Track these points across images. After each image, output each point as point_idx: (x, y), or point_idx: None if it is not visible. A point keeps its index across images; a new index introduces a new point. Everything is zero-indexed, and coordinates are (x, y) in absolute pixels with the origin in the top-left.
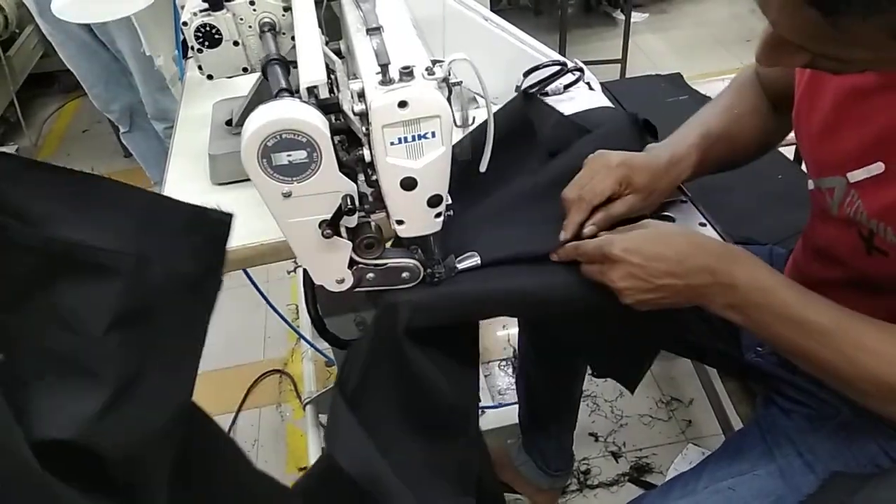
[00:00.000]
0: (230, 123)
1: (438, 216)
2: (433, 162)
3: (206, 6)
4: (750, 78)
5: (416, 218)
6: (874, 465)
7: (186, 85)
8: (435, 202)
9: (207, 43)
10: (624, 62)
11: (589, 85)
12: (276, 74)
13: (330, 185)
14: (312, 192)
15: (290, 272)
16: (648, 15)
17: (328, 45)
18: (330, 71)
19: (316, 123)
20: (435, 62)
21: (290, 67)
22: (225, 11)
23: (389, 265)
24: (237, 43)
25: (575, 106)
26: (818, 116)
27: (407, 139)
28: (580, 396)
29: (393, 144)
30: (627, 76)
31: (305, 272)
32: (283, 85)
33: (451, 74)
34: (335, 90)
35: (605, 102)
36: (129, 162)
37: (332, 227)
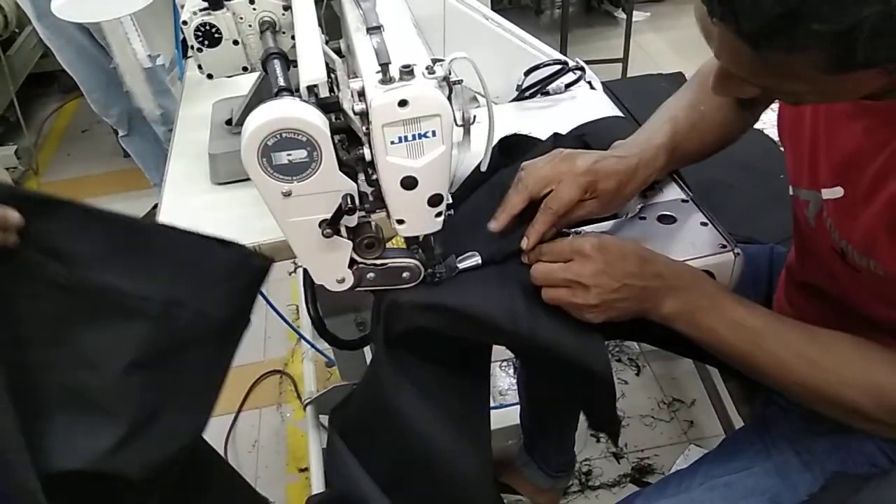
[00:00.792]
0: (230, 123)
1: (439, 215)
2: (434, 161)
3: (205, 5)
4: (707, 70)
5: (416, 217)
6: (871, 464)
7: (186, 84)
8: (435, 201)
9: (207, 42)
10: (625, 61)
11: (590, 84)
12: (275, 69)
13: (330, 184)
14: (312, 191)
15: (290, 273)
16: (650, 14)
17: (328, 43)
18: (330, 70)
19: (316, 122)
20: (435, 61)
21: (289, 62)
22: (225, 10)
23: (390, 265)
24: (237, 42)
25: (576, 105)
26: (799, 131)
27: (407, 138)
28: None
29: (393, 143)
30: (629, 75)
31: (305, 272)
32: (282, 80)
33: (451, 73)
34: (335, 89)
35: (606, 103)
36: (128, 162)
37: (332, 226)
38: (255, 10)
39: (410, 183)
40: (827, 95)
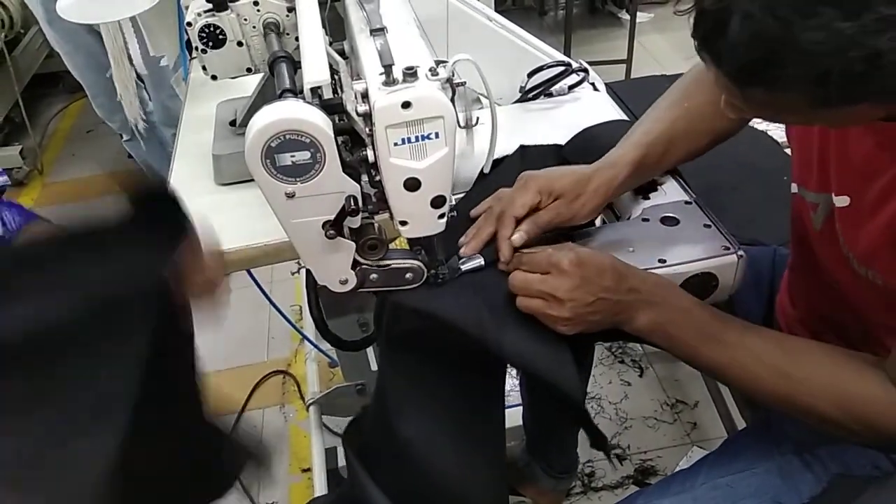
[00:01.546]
0: (234, 124)
1: (442, 217)
2: (437, 162)
3: (210, 7)
4: (684, 85)
5: (419, 219)
6: (874, 466)
7: (190, 85)
8: (438, 203)
9: (211, 43)
10: (629, 63)
11: (594, 86)
12: (282, 72)
13: (333, 185)
14: (316, 192)
15: (293, 273)
16: (654, 15)
17: (332, 45)
18: (333, 71)
19: (319, 124)
20: (439, 63)
21: (296, 65)
22: (229, 12)
23: (393, 266)
24: (241, 43)
25: (579, 107)
26: (808, 132)
27: (410, 140)
28: (584, 398)
29: (396, 145)
30: (633, 77)
31: (308, 273)
32: (289, 83)
33: (454, 75)
34: (339, 91)
35: (610, 104)
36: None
37: (335, 227)
38: (259, 11)
39: (413, 184)
40: (829, 123)
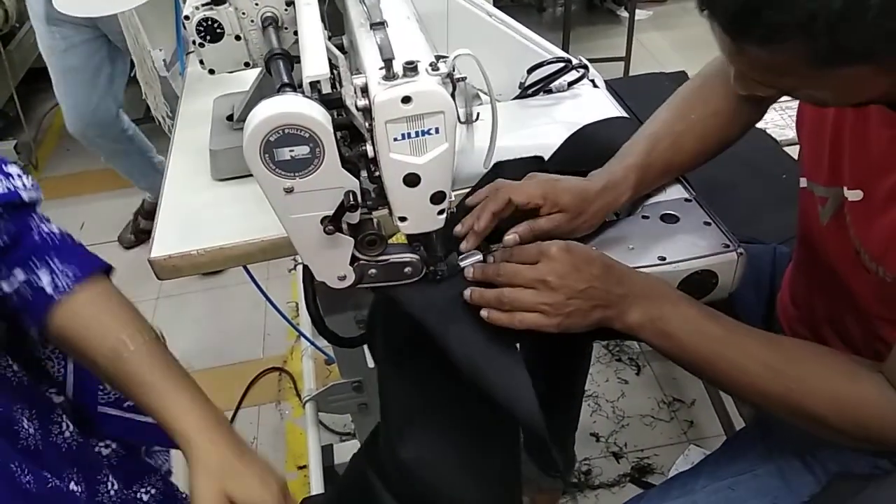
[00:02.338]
0: (231, 119)
1: (441, 213)
2: (437, 158)
3: (208, 1)
4: (716, 71)
5: (419, 214)
6: (874, 465)
7: (187, 80)
8: (438, 199)
9: (209, 37)
10: (628, 60)
11: (593, 82)
12: (279, 68)
13: (332, 180)
14: (314, 187)
15: (290, 270)
16: (652, 13)
17: (331, 39)
18: (333, 66)
19: (318, 118)
20: (439, 58)
21: (293, 62)
22: (227, 6)
23: (391, 262)
24: (239, 37)
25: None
26: (821, 126)
27: (410, 135)
28: (582, 396)
29: (396, 140)
30: (631, 74)
31: (306, 269)
32: (285, 79)
33: (454, 70)
34: (338, 85)
35: (609, 101)
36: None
37: (334, 223)
38: (257, 5)
39: (413, 180)
40: (835, 93)
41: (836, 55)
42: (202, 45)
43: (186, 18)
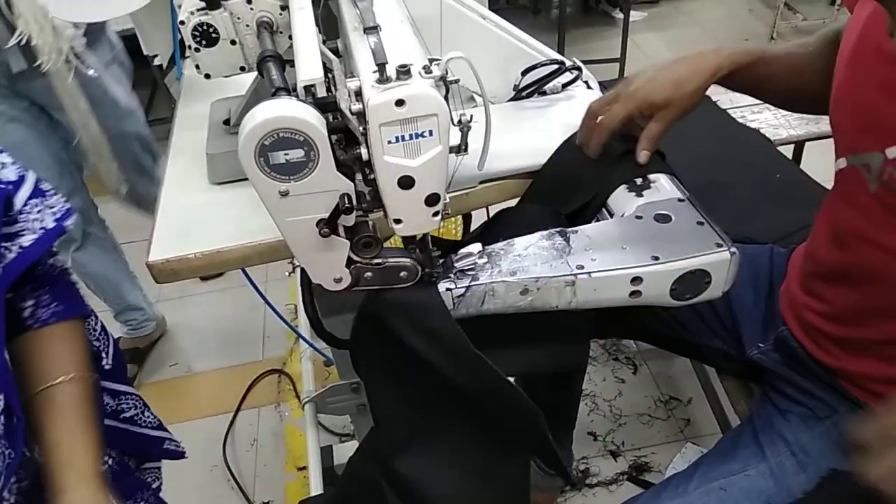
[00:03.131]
0: (228, 123)
1: (436, 215)
2: (431, 160)
3: (203, 5)
4: (833, 32)
5: (413, 217)
6: None
7: (184, 84)
8: (433, 201)
9: (205, 42)
10: (623, 61)
11: (587, 84)
12: (270, 71)
13: (327, 183)
14: (310, 190)
15: (288, 273)
16: (647, 14)
17: (325, 43)
18: (327, 70)
19: (313, 122)
20: (432, 60)
21: (285, 64)
22: (222, 10)
23: (387, 264)
24: (234, 42)
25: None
26: (862, 91)
27: (404, 138)
28: (579, 395)
29: (390, 143)
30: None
31: (303, 271)
32: (278, 81)
33: (448, 73)
34: (332, 89)
35: None
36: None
37: (329, 226)
38: (252, 10)
39: (408, 182)
40: None
41: None
42: (198, 49)
43: (182, 23)
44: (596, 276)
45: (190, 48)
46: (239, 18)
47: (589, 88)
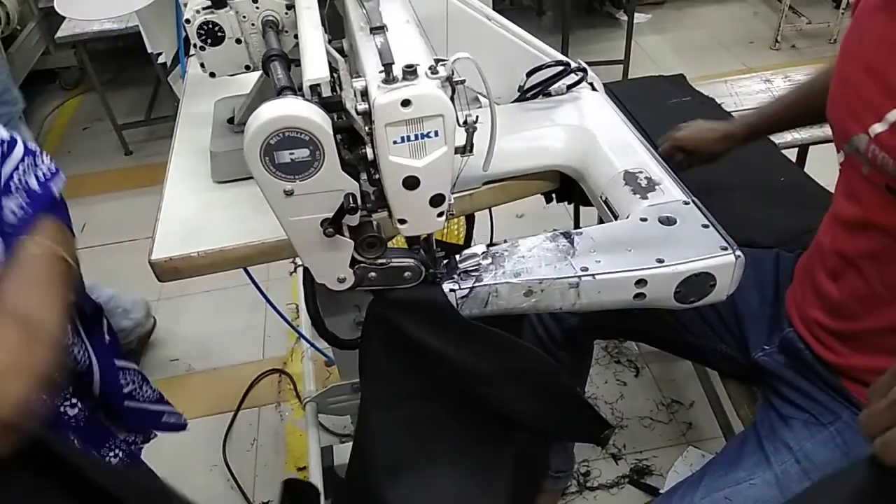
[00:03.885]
0: (232, 121)
1: (441, 215)
2: (436, 161)
3: (209, 4)
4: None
5: (418, 217)
6: None
7: (188, 83)
8: (437, 201)
9: (210, 40)
10: (627, 63)
11: (592, 85)
12: (276, 70)
13: (332, 183)
14: (314, 190)
15: (291, 273)
16: (651, 16)
17: (331, 43)
18: (333, 69)
19: (319, 121)
20: (438, 61)
21: (290, 63)
22: (228, 9)
23: (391, 265)
24: (240, 41)
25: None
26: (849, 77)
27: (410, 138)
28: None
29: (396, 143)
30: (630, 77)
31: (306, 271)
32: (284, 80)
33: (454, 73)
34: (338, 88)
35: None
36: (129, 160)
37: (333, 225)
38: (258, 9)
39: (412, 183)
40: None
41: None
42: (203, 48)
43: (187, 22)
44: (600, 278)
45: (195, 46)
46: (244, 17)
47: (594, 90)
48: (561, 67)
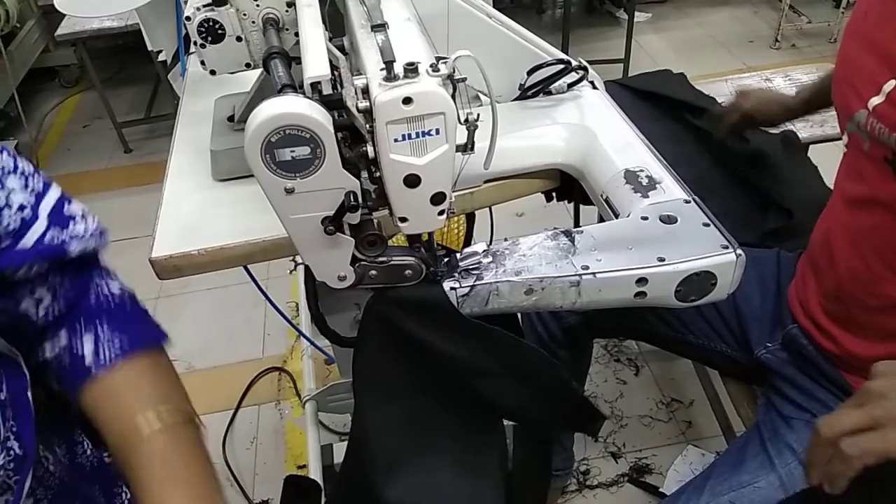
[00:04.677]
0: (232, 119)
1: (442, 213)
2: (437, 159)
3: (209, 1)
4: None
5: (419, 215)
6: None
7: (188, 80)
8: (438, 199)
9: (210, 38)
10: (627, 62)
11: (592, 84)
12: (276, 67)
13: (333, 181)
14: (315, 188)
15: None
16: (651, 15)
17: (332, 41)
18: (333, 67)
19: (320, 119)
20: (439, 59)
21: (291, 61)
22: (228, 7)
23: (392, 263)
24: (240, 38)
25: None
26: (849, 54)
27: (411, 136)
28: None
29: (397, 141)
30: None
31: (307, 269)
32: (284, 78)
33: (455, 71)
34: (339, 86)
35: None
36: (129, 158)
37: (334, 223)
38: (258, 6)
39: (413, 181)
40: None
41: None
42: (203, 45)
43: (188, 19)
44: (601, 276)
45: (195, 44)
46: (245, 15)
47: (595, 88)
48: (562, 66)
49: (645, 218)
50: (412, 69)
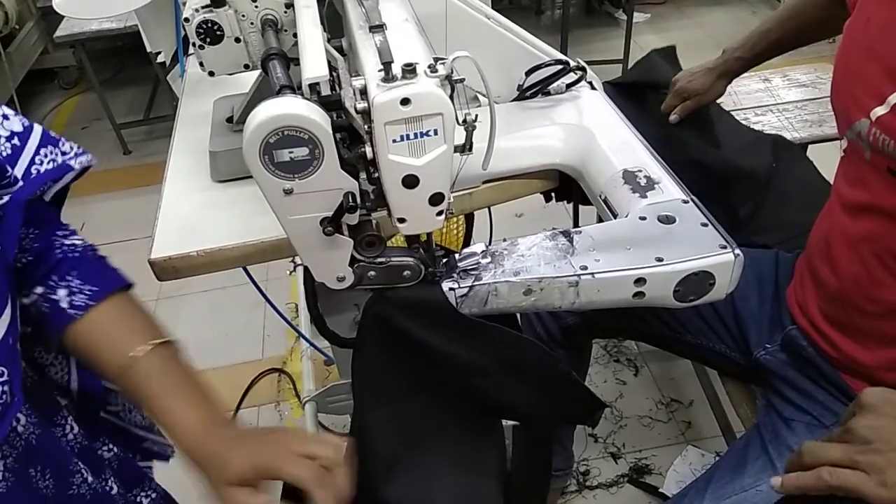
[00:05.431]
0: (231, 120)
1: (440, 214)
2: (435, 159)
3: (208, 2)
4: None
5: (417, 216)
6: None
7: (187, 81)
8: (437, 200)
9: (209, 39)
10: (625, 62)
11: (591, 84)
12: (275, 68)
13: (331, 182)
14: (314, 189)
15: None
16: (650, 15)
17: (330, 42)
18: (332, 68)
19: (318, 120)
20: (437, 60)
21: (289, 62)
22: (227, 8)
23: (390, 263)
24: (239, 39)
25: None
26: (851, 63)
27: (409, 136)
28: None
29: (395, 142)
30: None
31: (306, 270)
32: (282, 79)
33: (453, 72)
34: (337, 87)
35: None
36: (129, 159)
37: (333, 224)
38: (257, 7)
39: (412, 181)
40: None
41: None
42: (202, 47)
43: (186, 21)
44: (599, 276)
45: (194, 45)
46: (244, 16)
47: (593, 89)
48: (560, 66)
49: (643, 218)
50: (410, 70)
